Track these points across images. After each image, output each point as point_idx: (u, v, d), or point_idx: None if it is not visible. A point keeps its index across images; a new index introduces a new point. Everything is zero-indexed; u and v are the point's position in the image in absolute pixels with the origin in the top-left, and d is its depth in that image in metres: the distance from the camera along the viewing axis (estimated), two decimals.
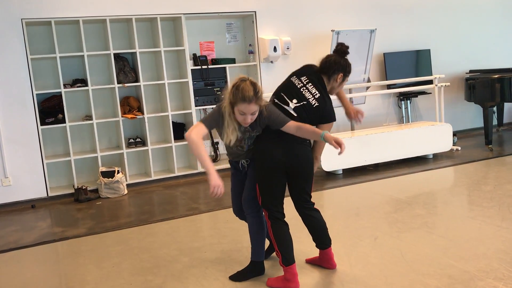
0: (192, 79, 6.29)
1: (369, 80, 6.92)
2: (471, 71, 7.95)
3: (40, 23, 5.69)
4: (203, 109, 6.57)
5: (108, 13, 5.81)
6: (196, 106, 6.34)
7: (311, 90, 2.91)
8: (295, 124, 2.79)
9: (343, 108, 3.29)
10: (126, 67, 6.07)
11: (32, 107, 5.59)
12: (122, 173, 5.87)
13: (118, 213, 5.02)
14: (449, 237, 3.57)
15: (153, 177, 6.18)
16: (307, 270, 3.18)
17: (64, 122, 5.75)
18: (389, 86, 7.19)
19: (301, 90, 2.92)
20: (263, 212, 3.00)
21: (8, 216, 5.30)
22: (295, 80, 2.98)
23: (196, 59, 6.34)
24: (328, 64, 2.98)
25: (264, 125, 2.87)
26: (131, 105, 6.14)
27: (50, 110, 5.81)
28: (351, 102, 6.83)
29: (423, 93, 7.50)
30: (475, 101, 6.81)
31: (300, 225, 3.24)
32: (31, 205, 5.62)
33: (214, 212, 4.73)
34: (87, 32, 5.92)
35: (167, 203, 5.27)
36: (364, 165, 6.15)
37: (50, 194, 5.74)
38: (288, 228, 2.98)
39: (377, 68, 7.42)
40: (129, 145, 6.15)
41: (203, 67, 6.35)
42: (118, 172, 5.79)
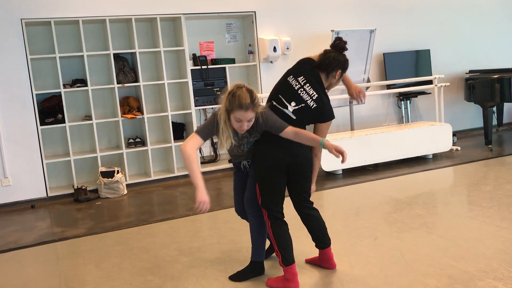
0: (192, 79, 6.29)
1: (368, 80, 6.92)
2: (470, 71, 7.95)
3: (40, 23, 5.69)
4: (203, 109, 6.58)
5: (107, 13, 5.82)
6: (195, 106, 6.34)
7: (309, 92, 2.89)
8: (293, 130, 2.78)
9: (346, 89, 3.24)
10: (125, 67, 6.07)
11: (32, 107, 5.59)
12: (122, 173, 5.87)
13: (117, 213, 5.02)
14: (449, 237, 3.57)
15: (153, 177, 6.18)
16: (306, 270, 3.18)
17: (64, 122, 5.75)
18: (388, 86, 7.20)
19: (298, 92, 2.89)
20: (263, 212, 2.99)
21: (8, 216, 5.30)
22: (292, 80, 2.95)
23: (196, 59, 6.34)
24: (327, 61, 2.95)
25: (261, 131, 2.87)
26: (130, 105, 6.15)
27: (49, 110, 5.81)
28: (350, 102, 6.85)
29: (423, 93, 7.50)
30: (474, 101, 6.81)
31: (300, 225, 3.24)
32: (31, 205, 5.62)
33: (214, 212, 4.73)
34: (87, 32, 5.92)
35: (167, 203, 5.27)
36: (364, 165, 6.15)
37: (49, 194, 5.74)
38: (288, 228, 2.98)
39: (377, 68, 7.42)
40: (128, 145, 6.15)
41: (203, 67, 6.35)
42: (118, 172, 5.79)
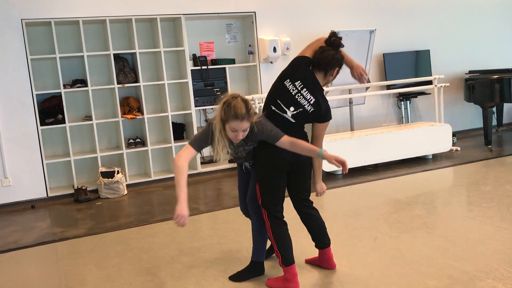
0: (192, 79, 6.30)
1: (368, 81, 6.92)
2: (470, 72, 7.95)
3: (40, 24, 5.69)
4: (203, 109, 6.58)
5: (108, 14, 5.82)
6: (195, 106, 6.34)
7: (306, 96, 2.88)
8: (289, 140, 2.78)
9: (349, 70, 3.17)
10: (126, 67, 6.07)
11: (32, 108, 5.59)
12: (122, 174, 5.87)
13: (118, 214, 5.02)
14: (449, 237, 3.58)
15: (153, 178, 6.18)
16: (306, 271, 3.18)
17: (64, 122, 5.75)
18: (388, 87, 7.20)
19: (296, 97, 2.88)
20: (262, 212, 2.99)
21: (8, 216, 5.30)
22: (289, 85, 2.91)
23: (196, 59, 6.34)
24: (325, 60, 2.92)
25: (257, 140, 2.87)
26: (131, 105, 6.15)
27: (50, 110, 5.82)
28: (350, 102, 6.86)
29: (422, 93, 7.51)
30: (474, 101, 6.81)
31: (300, 225, 3.24)
32: (31, 205, 5.62)
33: (214, 213, 4.73)
34: (87, 33, 5.92)
35: (167, 203, 5.27)
36: (364, 166, 6.15)
37: (50, 195, 5.74)
38: (287, 229, 2.98)
39: (377, 68, 7.42)
40: (129, 145, 6.16)
41: (203, 67, 6.35)
42: (118, 172, 5.79)
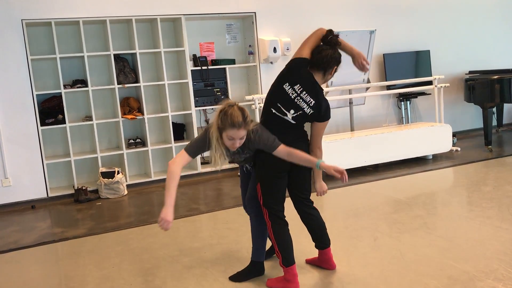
0: (192, 79, 6.30)
1: (368, 81, 6.92)
2: (470, 72, 7.95)
3: (40, 24, 5.69)
4: (203, 109, 6.58)
5: (108, 14, 5.82)
6: (196, 107, 6.34)
7: (306, 99, 2.88)
8: (286, 150, 2.79)
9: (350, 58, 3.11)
10: (126, 67, 6.07)
11: (32, 108, 5.59)
12: (122, 174, 5.87)
13: (118, 214, 5.02)
14: (449, 237, 3.58)
15: (153, 178, 6.18)
16: (306, 271, 3.18)
17: (64, 122, 5.75)
18: (388, 87, 7.20)
19: (295, 100, 2.88)
20: (264, 211, 3.00)
21: (8, 216, 5.30)
22: (288, 89, 2.90)
23: (196, 60, 6.34)
24: (324, 59, 2.91)
25: (254, 149, 2.88)
26: (131, 105, 6.15)
27: (50, 110, 5.82)
28: (350, 103, 6.86)
29: (422, 94, 7.51)
30: (474, 102, 6.82)
31: (300, 226, 3.24)
32: (31, 205, 5.62)
33: (214, 213, 4.73)
34: (87, 33, 5.92)
35: None
36: (364, 166, 6.15)
37: (50, 195, 5.74)
38: (288, 229, 2.99)
39: (377, 69, 7.42)
40: (129, 145, 6.16)
41: (203, 68, 6.36)
42: (118, 172, 5.79)
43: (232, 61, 6.57)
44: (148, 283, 3.20)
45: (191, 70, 6.28)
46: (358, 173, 5.94)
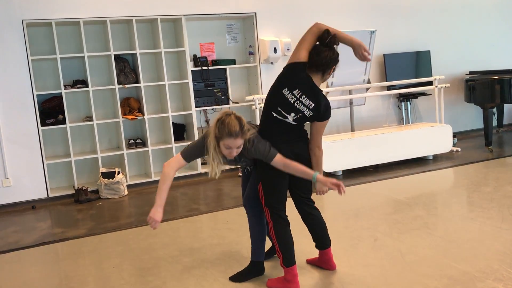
0: (192, 80, 6.30)
1: (369, 81, 6.92)
2: (471, 72, 7.95)
3: (41, 24, 5.69)
4: (203, 110, 6.58)
5: (108, 14, 5.82)
6: (196, 107, 6.34)
7: (305, 103, 2.89)
8: (282, 161, 2.81)
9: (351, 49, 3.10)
10: (126, 68, 6.07)
11: (33, 108, 5.59)
12: (123, 174, 5.87)
13: (118, 214, 5.02)
14: (449, 238, 3.58)
15: (153, 178, 6.18)
16: (306, 271, 3.18)
17: (65, 123, 5.76)
18: (389, 87, 7.20)
19: (295, 105, 2.88)
20: (265, 211, 3.00)
21: (9, 217, 5.30)
22: (287, 94, 2.89)
23: (197, 60, 6.34)
24: (324, 61, 2.89)
25: (251, 158, 2.92)
26: (131, 106, 6.15)
27: (50, 111, 5.82)
28: (351, 103, 6.86)
29: (423, 94, 7.51)
30: (475, 102, 6.81)
31: (300, 226, 3.24)
32: (32, 206, 5.63)
33: (214, 213, 4.74)
34: (88, 33, 5.92)
35: (167, 204, 5.22)
36: (364, 166, 6.15)
37: (50, 195, 5.74)
38: (290, 229, 2.99)
39: (377, 69, 7.42)
40: (129, 146, 6.16)
41: (203, 68, 6.36)
42: (119, 173, 5.79)
43: (233, 62, 6.57)
44: (148, 284, 3.20)
45: (192, 71, 6.28)
46: (358, 174, 5.94)
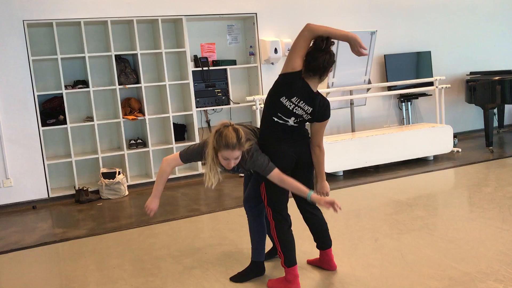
0: (193, 80, 6.30)
1: (369, 82, 6.92)
2: (471, 73, 7.95)
3: (42, 25, 5.70)
4: (204, 110, 6.58)
5: (109, 15, 5.83)
6: (197, 107, 6.35)
7: (304, 108, 2.91)
8: (279, 176, 2.83)
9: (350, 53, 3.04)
10: (127, 68, 6.08)
11: (33, 108, 5.60)
12: (123, 174, 5.87)
13: (119, 214, 5.02)
14: (450, 238, 3.58)
15: (154, 178, 6.16)
16: (307, 271, 3.18)
17: (65, 123, 5.76)
18: (389, 88, 7.20)
19: (294, 111, 2.91)
20: (267, 211, 3.00)
21: (9, 217, 5.31)
22: (286, 102, 2.89)
23: (197, 60, 6.35)
24: (321, 66, 2.87)
25: (249, 169, 2.95)
26: (132, 106, 6.16)
27: (51, 111, 5.82)
28: (351, 104, 6.86)
29: (423, 94, 7.51)
30: (475, 103, 6.81)
31: (301, 226, 3.24)
32: (32, 206, 5.63)
33: (215, 214, 4.74)
34: (88, 34, 5.93)
35: (168, 204, 5.27)
36: (365, 167, 6.15)
37: (51, 195, 5.74)
38: (291, 230, 3.00)
39: (378, 70, 7.42)
40: (130, 146, 6.16)
41: (204, 68, 6.36)
42: (119, 173, 5.80)
43: (233, 62, 6.58)
44: (148, 284, 3.20)
45: (192, 71, 6.29)
46: (359, 174, 5.94)
